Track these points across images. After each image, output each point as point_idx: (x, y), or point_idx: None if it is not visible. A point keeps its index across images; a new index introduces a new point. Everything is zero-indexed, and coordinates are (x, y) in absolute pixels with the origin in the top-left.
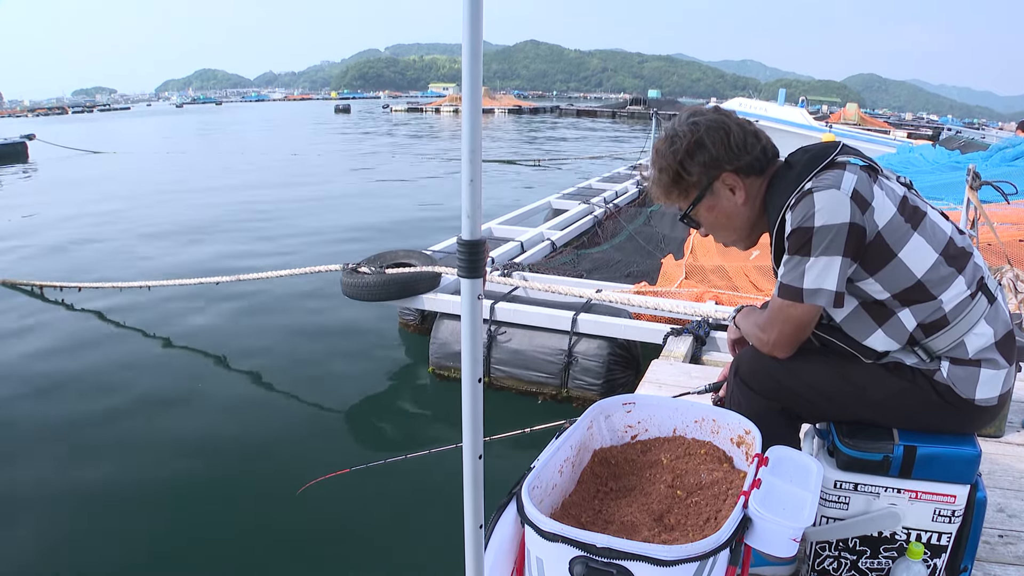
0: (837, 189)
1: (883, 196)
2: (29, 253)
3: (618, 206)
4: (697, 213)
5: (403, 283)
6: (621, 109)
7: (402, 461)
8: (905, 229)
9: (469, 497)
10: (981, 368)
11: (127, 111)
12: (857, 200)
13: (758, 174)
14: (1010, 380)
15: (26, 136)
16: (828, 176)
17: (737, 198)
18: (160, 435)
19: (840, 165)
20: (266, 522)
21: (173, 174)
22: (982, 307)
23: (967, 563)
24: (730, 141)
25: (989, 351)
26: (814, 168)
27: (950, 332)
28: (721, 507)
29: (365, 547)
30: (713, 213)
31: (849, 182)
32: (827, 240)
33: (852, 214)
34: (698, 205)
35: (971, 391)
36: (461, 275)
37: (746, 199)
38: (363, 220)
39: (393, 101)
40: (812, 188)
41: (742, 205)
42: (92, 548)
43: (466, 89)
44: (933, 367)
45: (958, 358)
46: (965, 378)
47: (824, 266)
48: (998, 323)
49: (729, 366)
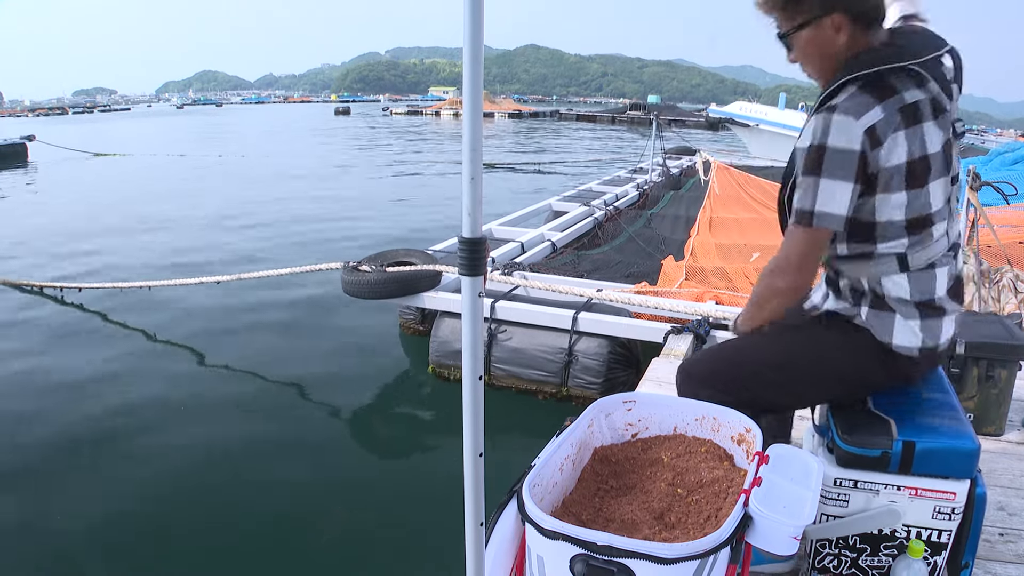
0: (855, 119)
1: (901, 144)
2: (29, 253)
3: (618, 208)
4: (795, 39)
5: (404, 281)
6: (621, 114)
7: (402, 459)
8: (896, 182)
9: (470, 495)
10: (896, 315)
11: (127, 112)
12: (870, 135)
13: (865, 26)
14: (936, 335)
15: (26, 137)
16: (859, 100)
17: (839, 39)
18: (159, 434)
19: (889, 91)
20: (266, 521)
21: (172, 174)
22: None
23: (968, 559)
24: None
25: (903, 303)
26: (875, 70)
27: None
28: (721, 505)
29: (365, 545)
30: (811, 45)
31: (872, 118)
32: (839, 162)
33: (863, 143)
34: (799, 32)
35: (888, 336)
36: (462, 273)
37: (847, 42)
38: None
39: (393, 104)
40: (836, 106)
41: (840, 46)
42: (88, 544)
43: (467, 88)
44: (853, 312)
45: (877, 300)
46: (881, 323)
47: (837, 188)
48: (925, 284)
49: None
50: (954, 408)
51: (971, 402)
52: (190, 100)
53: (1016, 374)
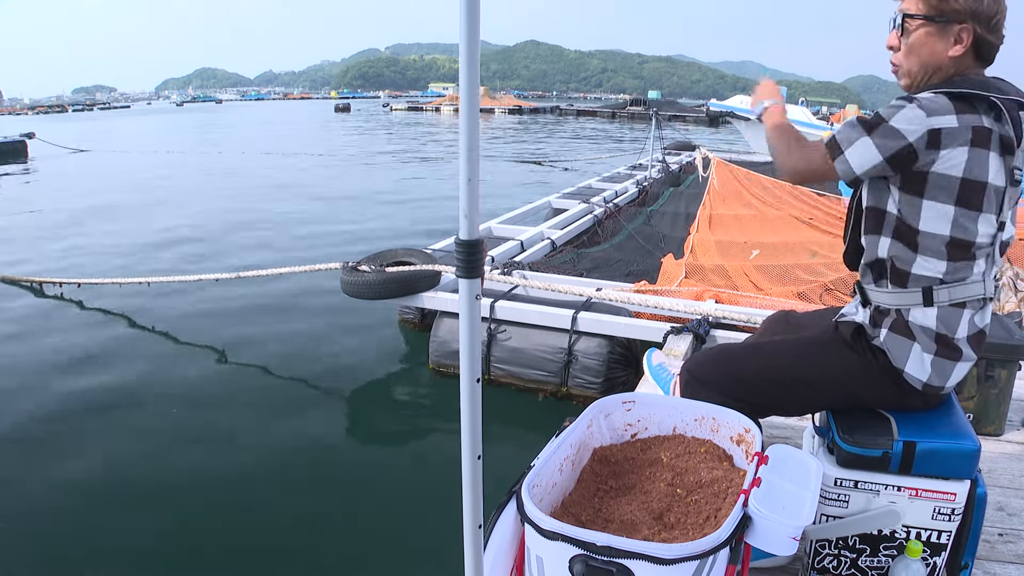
0: (926, 115)
1: (961, 159)
2: (28, 249)
3: (618, 205)
4: (915, 25)
5: (403, 281)
6: (621, 110)
7: (402, 459)
8: (947, 194)
9: (468, 496)
10: (913, 344)
11: (127, 109)
12: (931, 137)
13: (976, 57)
14: (945, 376)
15: (26, 135)
16: (939, 103)
17: (954, 49)
18: (158, 434)
19: (969, 108)
20: (265, 521)
21: (171, 174)
22: (944, 297)
23: (967, 560)
24: (996, 15)
25: (926, 332)
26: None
27: (907, 294)
28: (721, 505)
29: (364, 546)
30: (924, 39)
31: (944, 122)
32: (888, 137)
33: (918, 140)
34: (925, 22)
35: (901, 363)
36: (459, 275)
37: (957, 57)
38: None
39: (393, 100)
40: (916, 97)
41: (949, 57)
42: (86, 540)
43: (463, 88)
44: (874, 332)
45: (899, 324)
46: (897, 348)
47: (870, 154)
48: (951, 321)
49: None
50: (954, 408)
51: (971, 402)
52: (190, 97)
53: (1016, 374)
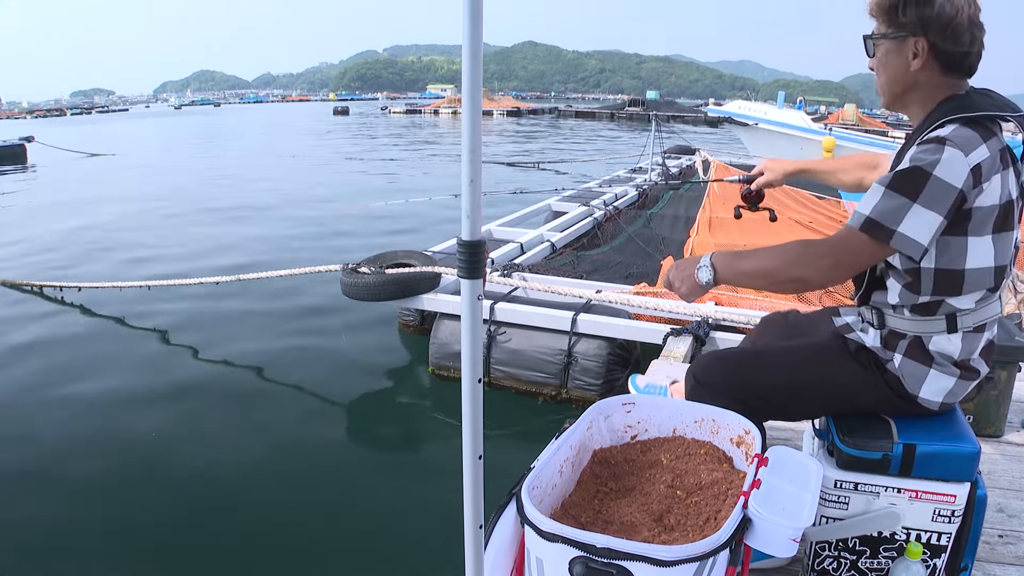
0: (965, 156)
1: (997, 186)
2: (28, 253)
3: (618, 208)
4: (877, 44)
5: (403, 283)
6: (620, 110)
7: (402, 461)
8: (987, 226)
9: (469, 497)
10: (931, 369)
11: (125, 113)
12: (975, 173)
13: (943, 68)
14: (958, 394)
15: (25, 138)
16: (967, 136)
17: (913, 64)
18: (157, 436)
19: (989, 132)
20: (265, 523)
21: (170, 174)
22: (970, 322)
23: (967, 562)
24: (951, 22)
25: (946, 358)
26: (977, 114)
27: (930, 322)
28: (721, 507)
29: (365, 547)
30: (886, 57)
31: (979, 156)
32: (939, 194)
33: (966, 183)
34: (883, 41)
35: (916, 388)
36: (461, 276)
37: (919, 71)
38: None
39: (391, 102)
40: (946, 138)
41: (911, 72)
42: (87, 541)
43: (466, 91)
44: (887, 357)
45: (916, 350)
46: (913, 374)
47: (928, 219)
48: (972, 345)
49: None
50: (954, 410)
51: (970, 404)
52: (188, 100)
53: (1015, 375)
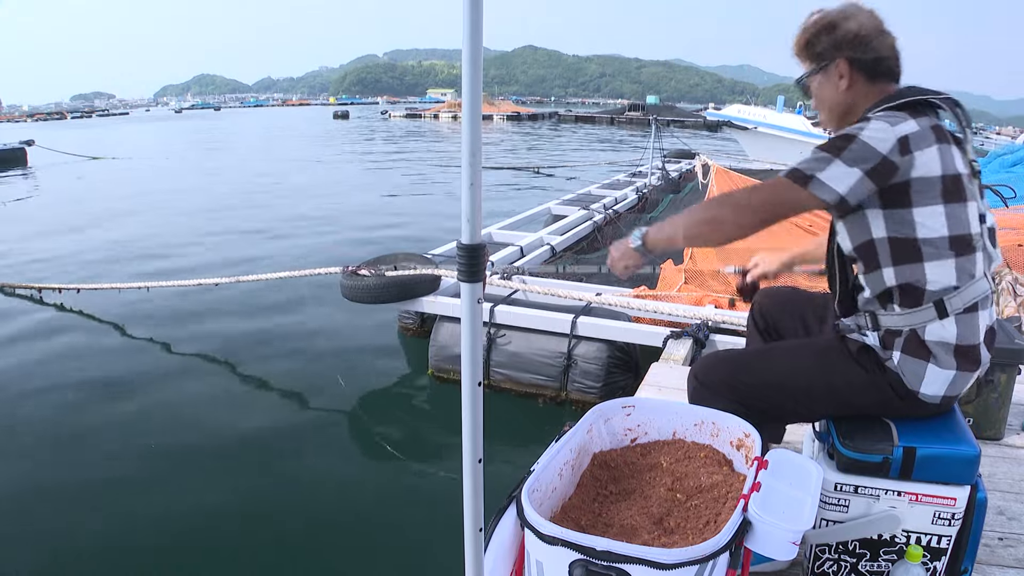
0: (891, 126)
1: (934, 158)
2: (27, 256)
3: (618, 212)
4: (810, 82)
5: (403, 285)
6: (620, 115)
7: (401, 464)
8: (931, 196)
9: (469, 500)
10: (929, 363)
11: (126, 116)
12: (902, 143)
13: (869, 77)
14: (960, 386)
15: (25, 142)
16: (894, 115)
17: (842, 84)
18: (156, 437)
19: (921, 113)
20: (265, 525)
21: (169, 177)
22: (958, 304)
23: (967, 565)
24: (859, 34)
25: (944, 347)
26: (901, 101)
27: (920, 312)
28: (721, 510)
29: (365, 550)
30: (820, 90)
31: (907, 128)
32: (862, 153)
33: (892, 151)
34: (813, 77)
35: (916, 384)
36: (461, 279)
37: (848, 89)
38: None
39: (391, 107)
40: (872, 116)
41: (842, 92)
42: (88, 542)
43: (466, 94)
44: (886, 356)
45: (913, 345)
46: (913, 370)
47: (846, 172)
48: (968, 329)
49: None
50: (954, 413)
51: (970, 406)
52: (188, 104)
53: (1016, 378)
